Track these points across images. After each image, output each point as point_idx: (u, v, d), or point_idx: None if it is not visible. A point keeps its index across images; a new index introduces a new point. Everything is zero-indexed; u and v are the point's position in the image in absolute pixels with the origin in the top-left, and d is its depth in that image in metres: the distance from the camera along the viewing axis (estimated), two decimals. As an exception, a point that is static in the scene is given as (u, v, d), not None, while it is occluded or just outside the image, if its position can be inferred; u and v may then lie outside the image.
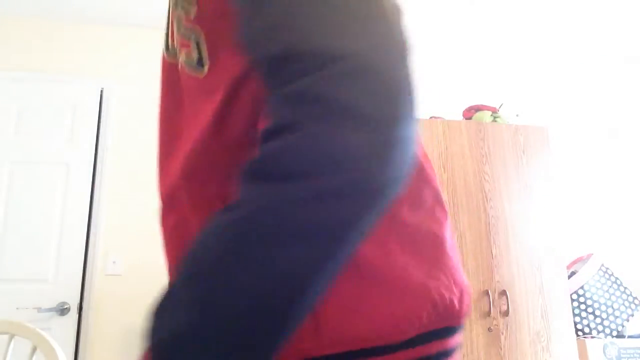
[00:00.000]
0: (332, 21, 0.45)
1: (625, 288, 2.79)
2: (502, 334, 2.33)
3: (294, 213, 0.41)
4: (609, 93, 3.45)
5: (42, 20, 2.81)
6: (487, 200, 2.50)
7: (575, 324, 2.65)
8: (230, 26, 0.54)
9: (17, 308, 2.34)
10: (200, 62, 0.58)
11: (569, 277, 2.72)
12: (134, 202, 2.64)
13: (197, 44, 0.58)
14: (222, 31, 0.55)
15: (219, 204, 0.54)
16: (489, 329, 2.32)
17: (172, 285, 0.45)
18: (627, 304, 2.73)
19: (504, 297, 2.37)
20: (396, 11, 0.49)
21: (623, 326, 2.69)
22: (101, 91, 2.75)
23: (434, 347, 0.53)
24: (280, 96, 0.43)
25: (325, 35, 0.44)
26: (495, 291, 2.38)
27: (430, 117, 2.77)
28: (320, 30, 0.44)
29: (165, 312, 0.45)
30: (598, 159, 3.32)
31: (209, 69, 0.57)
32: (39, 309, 2.35)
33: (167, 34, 0.67)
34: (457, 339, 0.57)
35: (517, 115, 2.88)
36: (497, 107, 2.85)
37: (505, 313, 2.35)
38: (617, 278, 2.81)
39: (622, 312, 2.70)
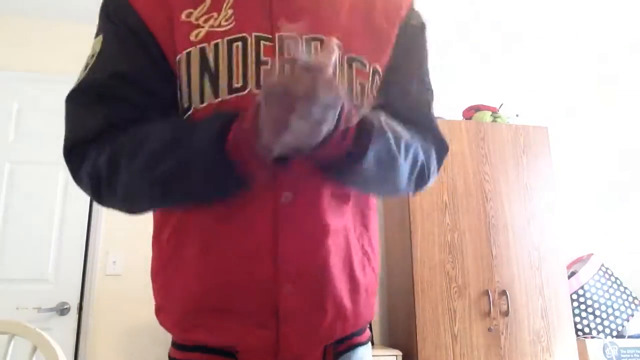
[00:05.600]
0: None
1: (625, 288, 2.79)
2: (502, 334, 2.33)
3: None
4: (609, 92, 3.45)
5: (43, 20, 2.81)
6: (487, 200, 2.50)
7: (575, 324, 2.65)
8: None
9: (17, 308, 2.34)
10: None
11: (569, 277, 2.72)
12: (134, 202, 2.64)
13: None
14: None
15: None
16: (489, 329, 2.32)
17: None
18: (627, 304, 2.73)
19: (504, 297, 2.37)
20: None
21: (623, 326, 2.69)
22: (101, 91, 2.74)
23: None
24: None
25: None
26: (495, 291, 2.38)
27: (430, 117, 2.77)
28: None
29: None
30: (598, 158, 3.32)
31: None
32: (39, 309, 2.35)
33: None
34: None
35: (517, 116, 2.88)
36: (497, 107, 2.85)
37: (505, 313, 2.35)
38: (617, 278, 2.81)
39: (622, 312, 2.70)
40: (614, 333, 2.66)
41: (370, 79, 0.75)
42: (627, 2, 2.71)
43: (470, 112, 2.83)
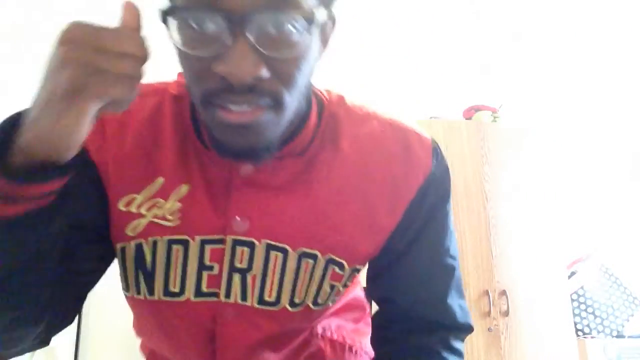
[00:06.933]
0: None
1: (625, 288, 2.78)
2: (502, 334, 2.33)
3: None
4: (609, 93, 3.45)
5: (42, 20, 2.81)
6: (487, 200, 2.50)
7: (575, 324, 2.65)
8: None
9: (17, 308, 2.33)
10: None
11: (569, 277, 2.72)
12: (134, 202, 2.64)
13: None
14: None
15: None
16: (489, 329, 2.32)
17: None
18: (627, 304, 2.73)
19: (504, 297, 2.37)
20: None
21: (623, 326, 2.69)
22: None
23: None
24: None
25: None
26: (495, 291, 2.38)
27: (430, 117, 2.77)
28: None
29: None
30: (598, 158, 3.32)
31: None
32: (39, 309, 2.35)
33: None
34: None
35: (517, 116, 2.88)
36: (497, 107, 2.85)
37: (505, 313, 2.35)
38: (617, 278, 2.81)
39: (622, 312, 2.70)
40: (614, 333, 2.66)
41: (346, 277, 0.67)
42: (629, 4, 2.71)
43: (470, 112, 2.83)
